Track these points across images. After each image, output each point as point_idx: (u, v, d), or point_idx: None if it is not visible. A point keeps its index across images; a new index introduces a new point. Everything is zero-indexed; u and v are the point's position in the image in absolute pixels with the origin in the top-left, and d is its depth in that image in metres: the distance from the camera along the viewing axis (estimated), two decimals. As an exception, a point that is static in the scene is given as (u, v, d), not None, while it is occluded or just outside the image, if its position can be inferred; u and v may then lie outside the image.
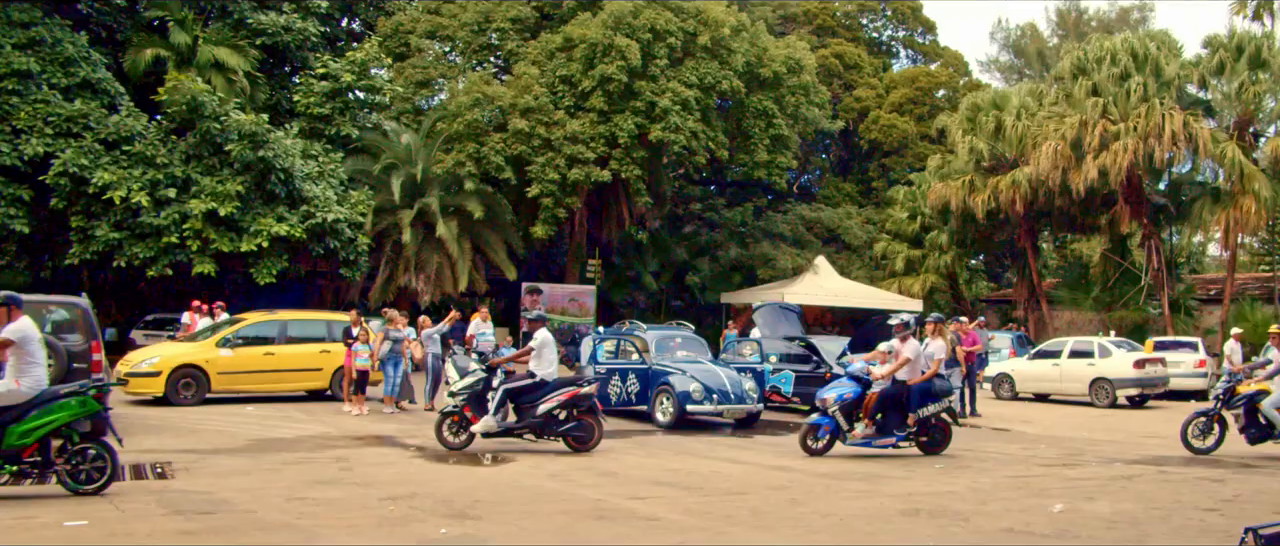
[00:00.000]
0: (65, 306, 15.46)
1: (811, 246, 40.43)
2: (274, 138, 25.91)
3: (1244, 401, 14.80)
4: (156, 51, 29.45)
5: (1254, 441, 14.77)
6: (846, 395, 14.07)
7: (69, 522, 8.82)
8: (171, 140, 26.17)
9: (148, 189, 24.81)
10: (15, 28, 25.92)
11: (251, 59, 30.37)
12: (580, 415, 13.96)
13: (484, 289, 33.15)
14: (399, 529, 8.87)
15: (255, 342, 20.22)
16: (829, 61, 45.01)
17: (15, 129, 24.67)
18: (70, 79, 26.26)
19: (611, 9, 32.09)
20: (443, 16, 36.21)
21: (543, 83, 32.17)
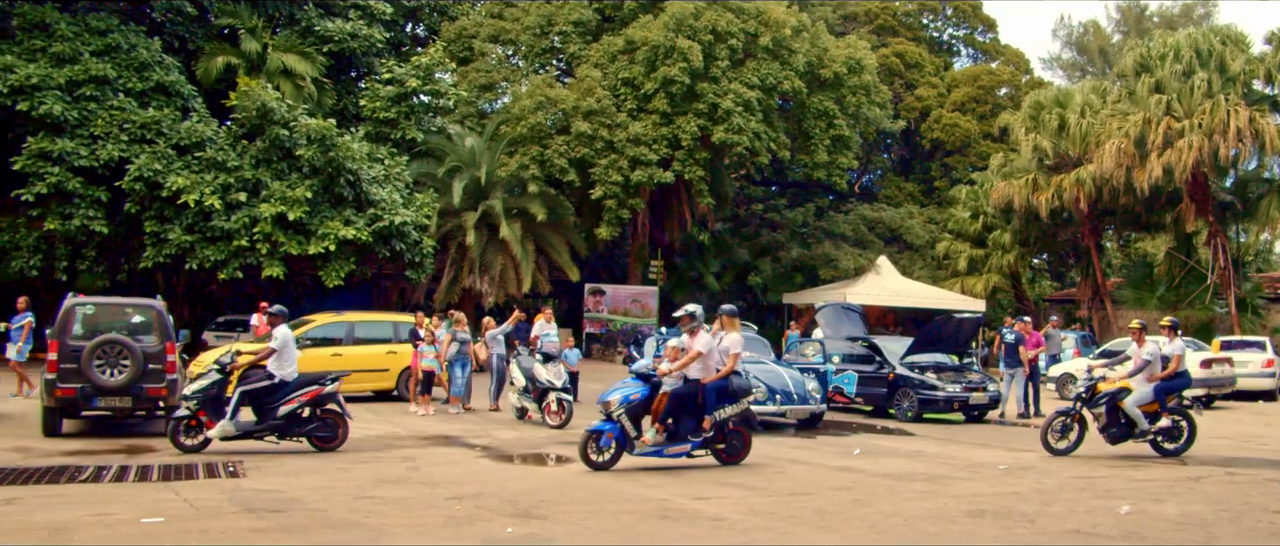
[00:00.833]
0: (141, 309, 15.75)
1: (873, 246, 40.21)
2: (341, 142, 26.30)
3: (1106, 399, 14.36)
4: (227, 59, 30.07)
5: (1115, 441, 14.39)
6: (633, 397, 12.50)
7: (146, 519, 9.00)
8: (242, 145, 26.65)
9: (219, 193, 25.29)
10: (93, 35, 26.61)
11: (319, 65, 30.87)
12: (325, 413, 13.55)
13: (547, 290, 33.40)
14: (465, 528, 8.95)
15: (323, 344, 20.55)
16: (890, 61, 44.72)
17: (93, 135, 25.28)
18: (144, 83, 26.85)
19: (673, 11, 32.16)
20: (505, 21, 36.51)
21: (605, 85, 32.33)
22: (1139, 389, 14.32)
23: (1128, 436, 14.31)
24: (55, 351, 14.24)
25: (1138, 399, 14.24)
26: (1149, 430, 14.27)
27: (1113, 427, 14.33)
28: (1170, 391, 14.44)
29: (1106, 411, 14.33)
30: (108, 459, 12.57)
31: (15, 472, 11.44)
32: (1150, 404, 14.33)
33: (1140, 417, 14.15)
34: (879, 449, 15.44)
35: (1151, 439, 14.37)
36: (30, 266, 26.20)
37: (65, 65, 25.57)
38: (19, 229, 26.14)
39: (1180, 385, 14.62)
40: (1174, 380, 14.45)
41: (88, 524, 8.84)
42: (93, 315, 15.01)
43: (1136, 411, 14.14)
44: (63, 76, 25.24)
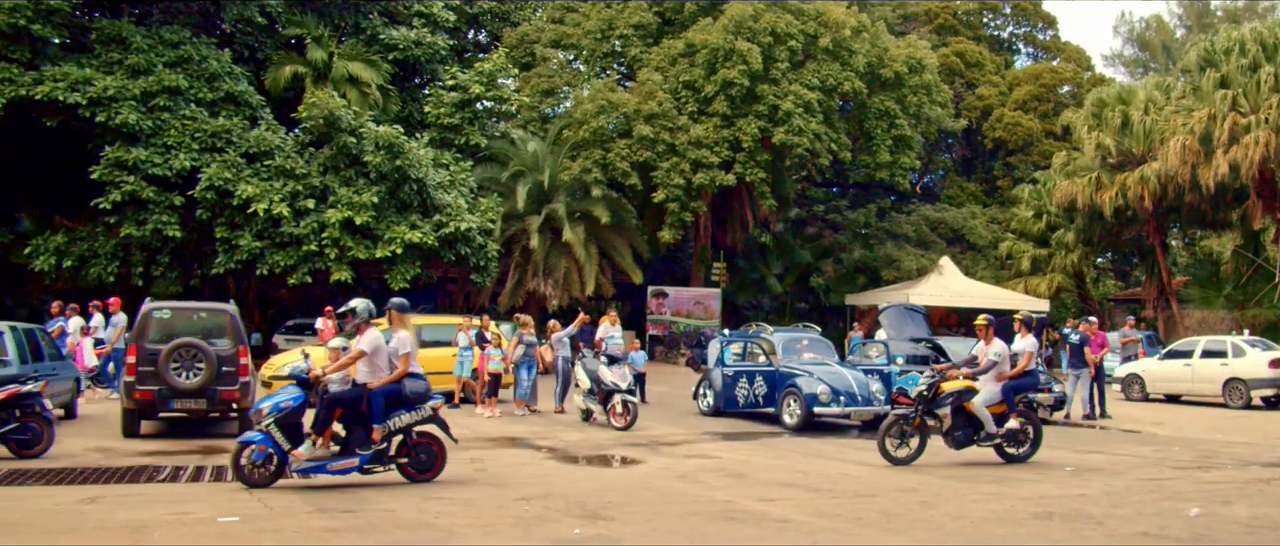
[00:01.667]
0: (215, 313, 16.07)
1: (936, 247, 39.94)
2: (407, 148, 26.66)
3: (951, 399, 13.30)
4: (295, 68, 30.61)
5: (959, 445, 13.39)
6: (284, 404, 10.85)
7: (222, 518, 9.20)
8: (310, 152, 27.12)
9: (288, 200, 25.74)
10: (167, 47, 27.25)
11: (384, 73, 31.31)
12: (24, 416, 12.55)
13: (610, 292, 33.55)
14: (534, 529, 9.04)
15: (388, 346, 20.81)
16: (950, 60, 44.38)
17: (167, 144, 25.88)
18: (215, 93, 27.43)
19: (732, 13, 32.18)
20: (566, 26, 36.74)
21: (666, 88, 32.43)
22: (986, 388, 13.41)
23: (973, 440, 13.35)
24: (133, 355, 14.57)
25: (985, 399, 13.32)
26: (996, 433, 13.35)
27: (957, 430, 13.36)
28: (1019, 391, 13.47)
29: (952, 413, 13.31)
30: (184, 459, 12.83)
31: (97, 472, 11.75)
32: (998, 404, 13.43)
33: (988, 419, 13.26)
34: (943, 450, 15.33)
35: (998, 443, 13.45)
36: (108, 272, 26.86)
37: (140, 77, 26.20)
38: (97, 236, 26.85)
39: (1028, 384, 13.61)
40: (1023, 379, 13.52)
41: (167, 522, 9.04)
42: (168, 320, 15.30)
43: (985, 413, 13.25)
44: (138, 87, 25.88)
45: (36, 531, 8.66)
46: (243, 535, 8.64)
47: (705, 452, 14.47)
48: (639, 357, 21.65)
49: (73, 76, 25.43)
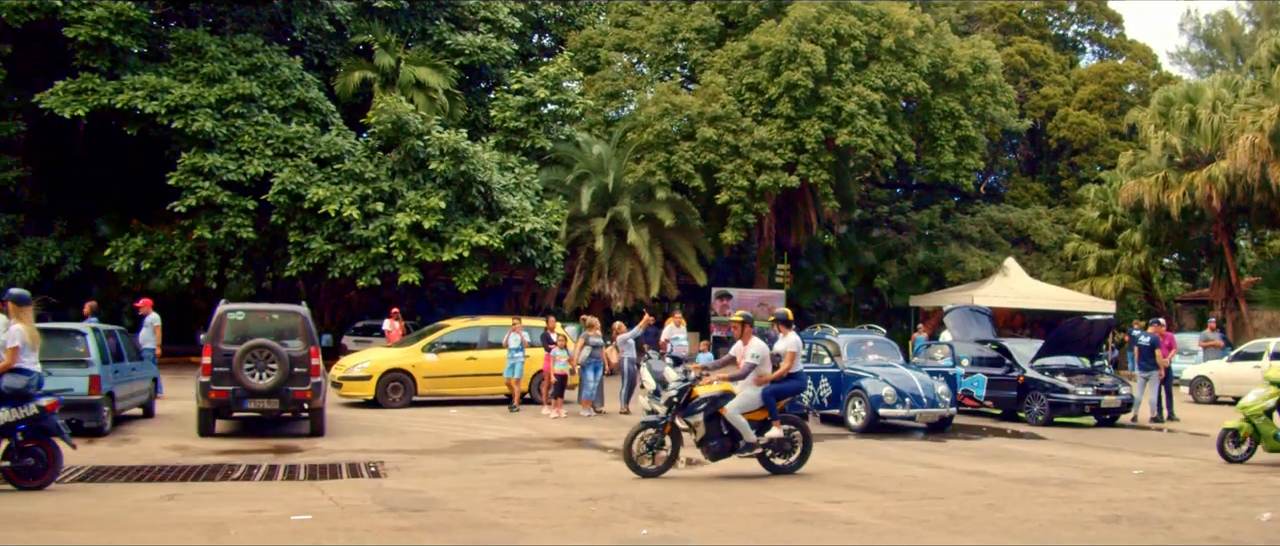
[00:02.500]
0: (287, 314, 16.31)
1: (1000, 248, 39.53)
2: (474, 152, 26.97)
3: (704, 406, 12.00)
4: (363, 73, 31.09)
5: (715, 456, 12.15)
6: None
7: (295, 516, 9.39)
8: (378, 157, 27.54)
9: (357, 203, 26.17)
10: (240, 55, 27.88)
11: (450, 78, 31.71)
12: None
13: (675, 294, 33.61)
14: (601, 529, 9.12)
15: (458, 348, 21.08)
16: (1014, 59, 43.88)
17: (240, 150, 26.46)
18: (287, 100, 28.02)
19: (795, 15, 32.12)
20: (630, 29, 36.88)
21: (729, 90, 32.45)
22: (744, 393, 12.17)
23: (732, 450, 12.14)
24: (209, 356, 14.81)
25: (742, 404, 12.09)
26: (755, 442, 12.07)
27: (713, 440, 12.08)
28: (781, 395, 12.31)
29: (705, 420, 12.04)
30: (257, 458, 13.07)
31: (174, 470, 12.03)
32: (758, 410, 12.20)
33: (745, 427, 11.98)
34: (1010, 453, 15.23)
35: (760, 453, 12.24)
36: (183, 274, 27.54)
37: (215, 85, 26.83)
38: (173, 239, 27.51)
39: (793, 388, 12.54)
40: (786, 382, 12.36)
41: (242, 519, 9.25)
42: (242, 321, 15.56)
43: (740, 420, 11.98)
44: (213, 95, 26.50)
45: (119, 527, 8.88)
46: (315, 533, 8.78)
47: (771, 454, 14.46)
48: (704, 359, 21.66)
49: (151, 85, 26.12)
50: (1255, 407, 13.63)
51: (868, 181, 42.04)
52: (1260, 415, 13.59)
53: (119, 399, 15.85)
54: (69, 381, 14.66)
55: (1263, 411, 13.61)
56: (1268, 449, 13.60)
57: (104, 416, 15.02)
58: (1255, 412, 13.64)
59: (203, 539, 8.52)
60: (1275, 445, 13.55)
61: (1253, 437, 13.69)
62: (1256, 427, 13.59)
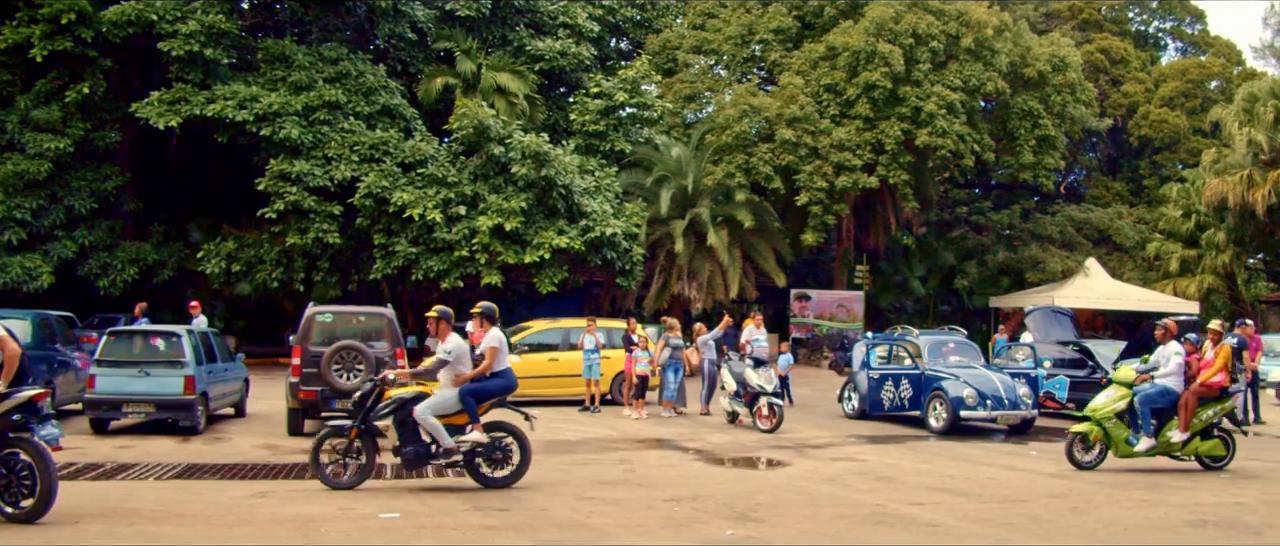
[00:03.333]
0: (373, 316, 16.69)
1: (1081, 248, 38.89)
2: (554, 156, 27.25)
3: (392, 408, 11.04)
4: (445, 80, 31.58)
5: (412, 464, 11.15)
6: None
7: (383, 514, 9.59)
8: (461, 161, 27.93)
9: (441, 207, 26.54)
10: (326, 64, 28.53)
11: (531, 83, 32.07)
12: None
13: (754, 295, 33.59)
14: (685, 530, 9.20)
15: (539, 350, 21.33)
16: (1094, 57, 43.11)
17: (327, 156, 27.04)
18: (371, 107, 28.58)
19: (873, 15, 31.94)
20: (707, 31, 36.93)
21: (807, 92, 32.35)
22: (439, 393, 11.16)
23: (430, 457, 11.10)
24: (298, 356, 15.21)
25: (435, 406, 11.03)
26: (451, 448, 10.99)
27: (407, 446, 11.07)
28: (482, 396, 11.22)
29: (396, 424, 11.07)
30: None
31: (266, 468, 12.38)
32: (455, 414, 11.15)
33: (439, 431, 10.94)
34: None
35: (466, 462, 11.13)
36: (272, 278, 28.21)
37: (302, 93, 27.48)
38: (262, 244, 28.19)
39: (496, 388, 11.38)
40: (488, 382, 11.28)
41: (332, 517, 9.47)
42: (330, 323, 15.95)
43: (431, 422, 10.92)
44: (300, 103, 27.14)
45: (214, 523, 9.18)
46: (404, 531, 8.97)
47: (852, 456, 14.46)
48: (785, 360, 21.69)
49: (241, 95, 26.84)
50: (1105, 410, 13.02)
51: (947, 182, 41.63)
52: (1110, 418, 13.00)
53: (212, 399, 16.31)
54: (165, 382, 15.19)
55: (1113, 414, 13.01)
56: (1118, 454, 13.00)
57: (198, 416, 15.46)
58: (1105, 415, 13.01)
59: (295, 535, 8.75)
60: (1126, 450, 12.92)
61: (1103, 442, 13.09)
62: (1106, 431, 12.99)
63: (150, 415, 15.32)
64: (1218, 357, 13.16)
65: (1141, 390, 12.94)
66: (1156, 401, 12.92)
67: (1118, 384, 13.17)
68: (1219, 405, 13.12)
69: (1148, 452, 12.91)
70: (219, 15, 27.03)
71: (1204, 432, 13.11)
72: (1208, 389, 13.01)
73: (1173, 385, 13.00)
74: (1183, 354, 13.14)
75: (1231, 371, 13.24)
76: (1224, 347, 13.24)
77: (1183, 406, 12.90)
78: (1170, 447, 13.01)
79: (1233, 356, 13.40)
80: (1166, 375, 13.03)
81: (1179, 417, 12.90)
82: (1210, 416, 13.09)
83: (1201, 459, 13.26)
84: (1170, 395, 12.97)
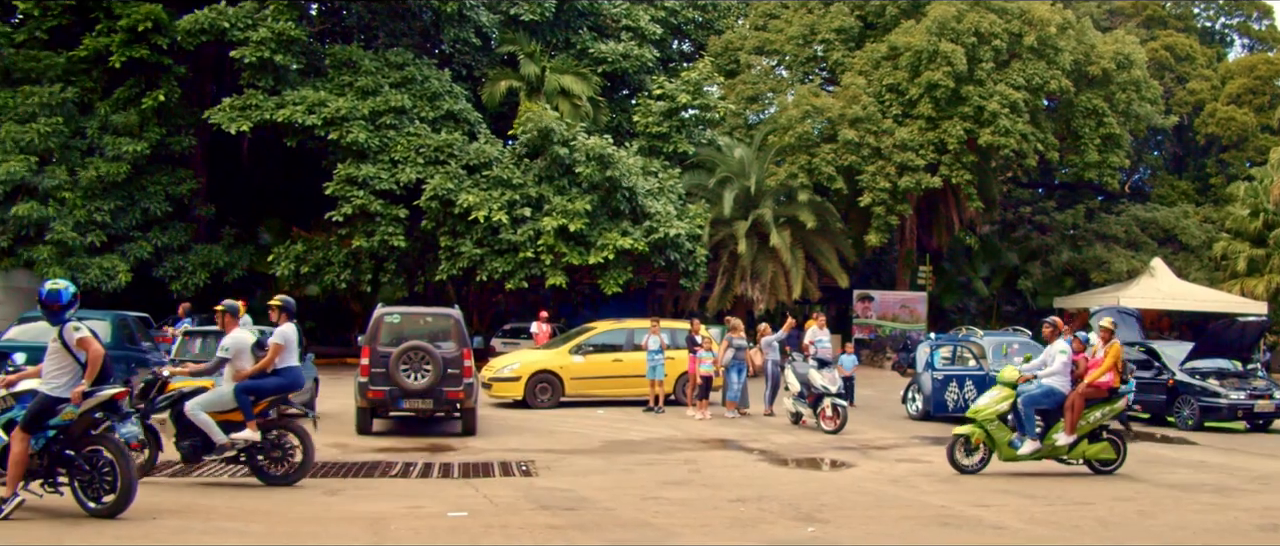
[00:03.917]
0: (440, 317, 16.85)
1: (1146, 248, 38.34)
2: (618, 157, 27.41)
3: (169, 402, 10.83)
4: (509, 83, 31.87)
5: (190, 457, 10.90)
6: None
7: (452, 513, 9.73)
8: (525, 163, 28.19)
9: (505, 209, 26.81)
10: (392, 69, 28.93)
11: (594, 85, 32.26)
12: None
13: (816, 296, 33.51)
14: (750, 530, 9.25)
15: (604, 350, 21.44)
16: (1159, 54, 42.46)
17: (393, 159, 27.41)
18: (436, 111, 28.91)
19: (935, 14, 31.73)
20: (769, 32, 36.90)
21: (870, 92, 32.25)
22: (215, 389, 10.91)
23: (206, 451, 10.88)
24: (366, 357, 15.34)
25: (208, 402, 10.79)
26: (226, 445, 10.80)
27: (185, 440, 10.84)
28: (260, 393, 10.99)
29: (174, 418, 10.86)
30: (413, 456, 13.51)
31: (336, 466, 12.54)
32: (231, 410, 10.89)
33: (210, 426, 10.69)
34: (1160, 458, 14.86)
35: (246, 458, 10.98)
36: (340, 280, 28.65)
37: (368, 98, 27.85)
38: (330, 246, 28.62)
39: (274, 386, 11.13)
40: (266, 379, 11.05)
41: (401, 515, 9.63)
42: (398, 324, 16.11)
43: (202, 417, 10.70)
44: (367, 108, 27.53)
45: (286, 520, 9.35)
46: (472, 530, 9.08)
47: (916, 457, 14.42)
48: (849, 361, 21.64)
49: (309, 100, 27.30)
50: (987, 412, 12.48)
51: (1010, 181, 41.27)
52: (992, 420, 12.45)
53: (283, 398, 16.59)
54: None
55: (995, 416, 12.45)
56: (1002, 457, 12.49)
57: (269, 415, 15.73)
58: (988, 417, 12.46)
59: (364, 533, 8.90)
60: (1010, 453, 12.41)
61: (986, 445, 12.56)
62: (989, 434, 12.45)
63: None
64: (1107, 357, 12.62)
65: (1025, 390, 12.46)
66: (1041, 402, 12.46)
67: (1001, 384, 12.67)
68: (1108, 406, 12.59)
69: (1032, 456, 12.46)
70: (288, 22, 27.51)
71: (1092, 435, 12.60)
72: (1095, 389, 12.47)
73: (1058, 385, 12.50)
74: (1069, 352, 12.63)
75: (1121, 371, 12.73)
76: (1114, 346, 12.72)
77: (1069, 408, 12.39)
78: (1056, 451, 12.52)
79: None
80: (1051, 374, 12.55)
81: (1065, 419, 12.40)
82: (1098, 418, 12.55)
83: (1090, 462, 12.73)
84: (1055, 396, 12.47)
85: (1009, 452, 12.41)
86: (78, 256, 26.75)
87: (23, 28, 28.63)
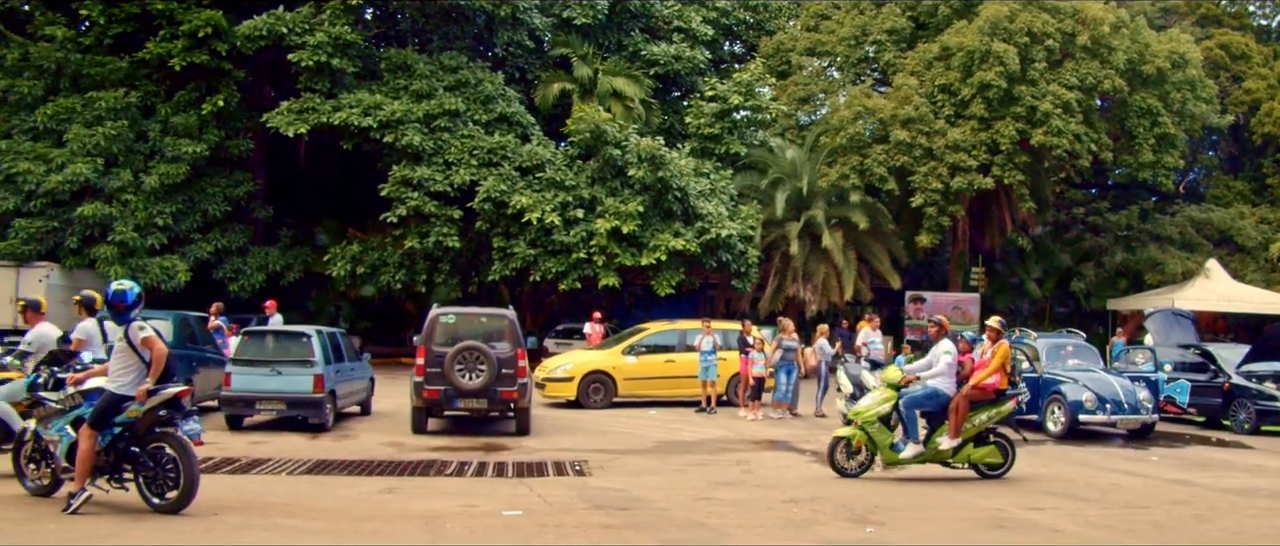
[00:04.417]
0: (494, 317, 16.94)
1: (1201, 249, 37.71)
2: (670, 159, 27.54)
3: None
4: (562, 85, 32.13)
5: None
6: None
7: (506, 512, 9.85)
8: (578, 165, 28.39)
9: (558, 210, 27.04)
10: (446, 72, 29.27)
11: (646, 87, 32.43)
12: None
13: (868, 298, 33.43)
14: (804, 531, 9.30)
15: (657, 351, 21.54)
16: (1214, 53, 41.65)
17: (447, 161, 27.72)
18: (489, 114, 29.23)
19: (987, 14, 31.51)
20: (820, 33, 36.84)
21: (922, 92, 32.09)
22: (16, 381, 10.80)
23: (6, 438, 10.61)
24: (422, 356, 15.51)
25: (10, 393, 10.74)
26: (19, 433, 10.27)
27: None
28: None
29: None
30: (468, 455, 13.65)
31: (392, 465, 12.71)
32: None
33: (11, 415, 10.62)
34: (1216, 462, 14.74)
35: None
36: (395, 280, 29.03)
37: (423, 100, 28.22)
38: (385, 247, 29.03)
39: None
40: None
41: (457, 513, 9.76)
42: (453, 324, 16.22)
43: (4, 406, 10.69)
44: (421, 110, 27.89)
45: (344, 517, 9.53)
46: (526, 528, 9.16)
47: (969, 459, 14.37)
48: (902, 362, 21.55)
49: (365, 103, 27.71)
50: (868, 414, 12.09)
51: (1063, 182, 40.81)
52: (874, 422, 12.08)
53: (340, 397, 16.84)
54: (296, 380, 15.78)
55: (876, 418, 12.08)
56: (886, 462, 12.10)
57: (326, 413, 15.99)
58: (869, 420, 12.08)
59: (421, 530, 9.04)
60: (892, 456, 12.03)
61: (867, 448, 12.18)
62: (871, 436, 12.09)
63: (281, 412, 15.83)
64: (994, 357, 12.27)
65: (909, 392, 12.15)
66: (924, 404, 12.17)
67: (885, 385, 12.34)
68: (994, 409, 12.20)
69: (916, 459, 12.13)
70: (345, 27, 27.92)
71: (978, 439, 12.23)
72: (981, 391, 12.10)
73: (943, 387, 12.17)
74: (954, 353, 12.28)
75: (1009, 372, 12.39)
76: (1002, 347, 12.38)
77: (953, 410, 12.03)
78: (939, 455, 12.18)
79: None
80: (935, 375, 12.22)
81: (949, 422, 12.05)
82: (984, 421, 12.19)
83: (976, 467, 12.34)
84: (940, 398, 12.15)
85: (891, 456, 12.11)
86: (139, 257, 27.30)
87: (89, 34, 29.28)
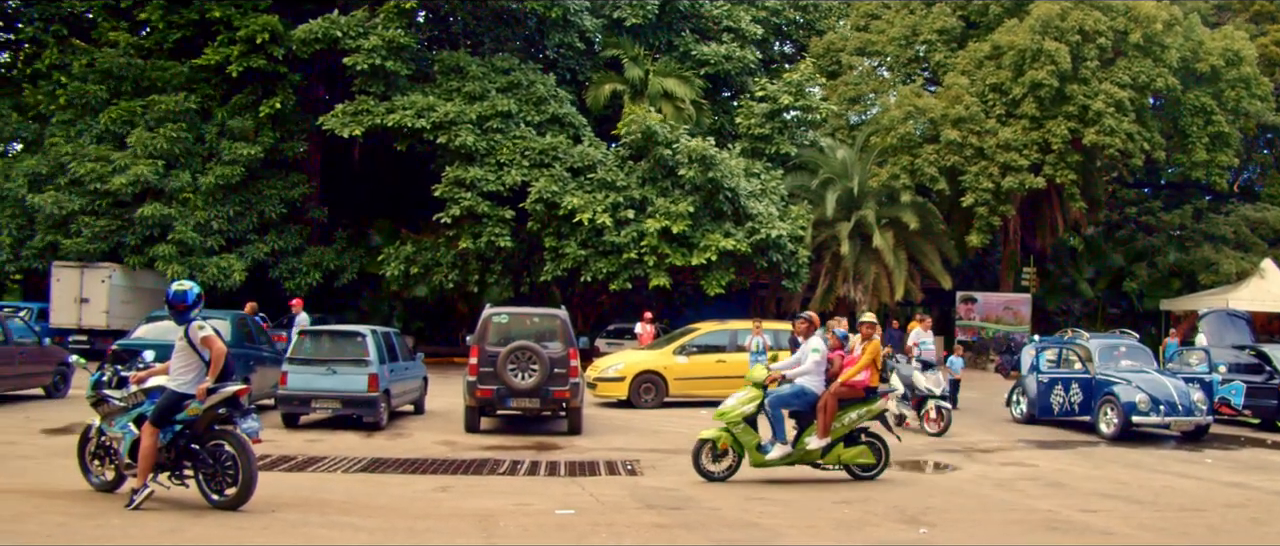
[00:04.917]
0: (547, 317, 17.02)
1: (1256, 249, 37.15)
2: (721, 159, 27.61)
3: None
4: (613, 86, 32.32)
5: None
6: None
7: (559, 510, 9.93)
8: (629, 166, 28.54)
9: (609, 210, 27.22)
10: (498, 74, 29.55)
11: (696, 87, 32.53)
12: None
13: (919, 298, 33.31)
14: (856, 532, 9.32)
15: (707, 351, 21.55)
16: (1269, 50, 40.97)
17: (499, 162, 27.98)
18: (541, 115, 29.47)
19: (1038, 13, 31.30)
20: (871, 33, 36.78)
21: (972, 92, 31.95)
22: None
23: None
24: (475, 356, 15.59)
25: None
26: None
27: None
28: None
29: None
30: (520, 454, 13.71)
31: (446, 463, 12.83)
32: None
33: None
34: (1272, 464, 14.57)
35: None
36: (448, 280, 29.32)
37: (475, 102, 28.52)
38: (438, 248, 29.33)
39: None
40: None
41: (510, 512, 9.82)
42: (505, 324, 16.32)
43: None
44: (474, 112, 28.18)
45: (399, 515, 9.63)
46: (579, 527, 9.24)
47: (1021, 461, 14.33)
48: (957, 363, 21.45)
49: (418, 104, 28.03)
50: (733, 414, 11.57)
51: (1115, 181, 40.42)
52: (739, 423, 11.57)
53: (394, 396, 16.95)
54: (351, 379, 15.98)
55: (741, 419, 11.57)
56: (752, 463, 11.59)
57: (381, 412, 16.11)
58: (734, 420, 11.55)
59: (475, 529, 9.12)
60: (758, 458, 11.52)
61: (734, 450, 11.70)
62: (736, 437, 11.60)
63: (336, 411, 15.95)
64: (864, 354, 11.88)
65: (775, 391, 11.70)
66: (791, 403, 11.75)
67: (750, 383, 11.89)
68: (864, 407, 11.75)
69: (783, 461, 11.68)
70: (398, 30, 28.26)
71: (849, 438, 11.82)
72: (850, 389, 11.66)
73: (810, 385, 11.71)
74: (823, 350, 11.90)
75: (881, 369, 12.08)
76: (872, 344, 11.98)
77: (822, 409, 11.57)
78: (808, 455, 11.74)
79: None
80: (803, 373, 11.75)
81: (818, 421, 11.60)
82: (854, 420, 11.75)
83: (848, 467, 11.92)
84: (807, 396, 11.70)
85: (758, 458, 11.66)
86: (197, 256, 27.80)
87: (149, 38, 29.87)
